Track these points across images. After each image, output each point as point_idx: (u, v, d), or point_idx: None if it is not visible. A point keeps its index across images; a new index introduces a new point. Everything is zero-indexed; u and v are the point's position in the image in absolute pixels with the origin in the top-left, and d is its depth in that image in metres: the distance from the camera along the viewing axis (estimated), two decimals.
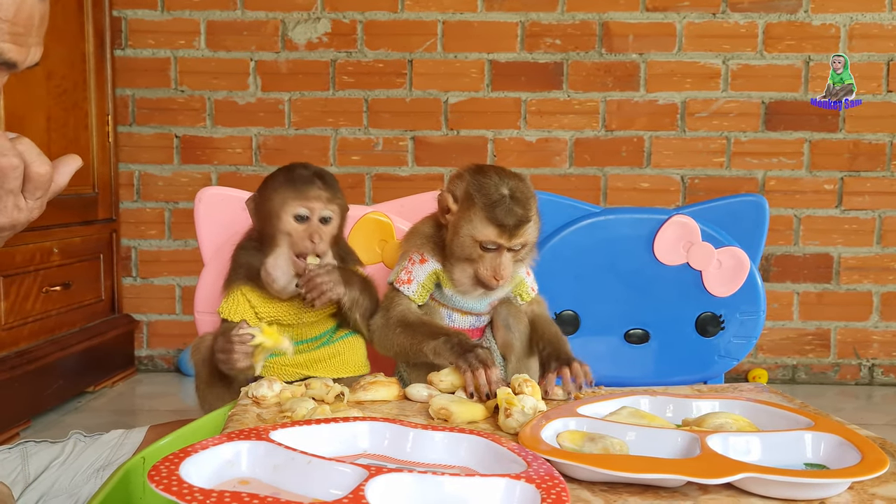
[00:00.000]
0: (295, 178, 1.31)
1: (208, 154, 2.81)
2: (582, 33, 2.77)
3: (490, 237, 1.22)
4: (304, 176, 1.31)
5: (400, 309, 1.31)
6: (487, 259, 1.24)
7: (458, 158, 2.80)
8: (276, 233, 1.29)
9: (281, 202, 1.29)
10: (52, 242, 2.34)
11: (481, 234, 1.23)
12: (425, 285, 1.31)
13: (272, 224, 1.29)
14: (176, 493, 0.61)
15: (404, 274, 1.32)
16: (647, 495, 0.75)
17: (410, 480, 0.68)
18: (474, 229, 1.23)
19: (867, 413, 2.53)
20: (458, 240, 1.25)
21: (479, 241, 1.23)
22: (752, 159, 2.80)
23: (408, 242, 1.37)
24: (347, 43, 2.78)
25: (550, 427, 0.86)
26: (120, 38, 2.77)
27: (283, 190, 1.30)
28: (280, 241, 1.29)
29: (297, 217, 1.28)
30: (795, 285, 2.83)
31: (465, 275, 1.27)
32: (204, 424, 1.10)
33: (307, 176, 1.31)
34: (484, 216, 1.22)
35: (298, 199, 1.28)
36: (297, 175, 1.31)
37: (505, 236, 1.23)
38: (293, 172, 1.32)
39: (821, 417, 0.90)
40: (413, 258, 1.33)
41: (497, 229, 1.22)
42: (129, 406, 2.48)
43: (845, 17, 2.75)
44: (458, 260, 1.27)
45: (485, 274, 1.24)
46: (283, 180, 1.31)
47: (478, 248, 1.24)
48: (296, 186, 1.29)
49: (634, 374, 1.76)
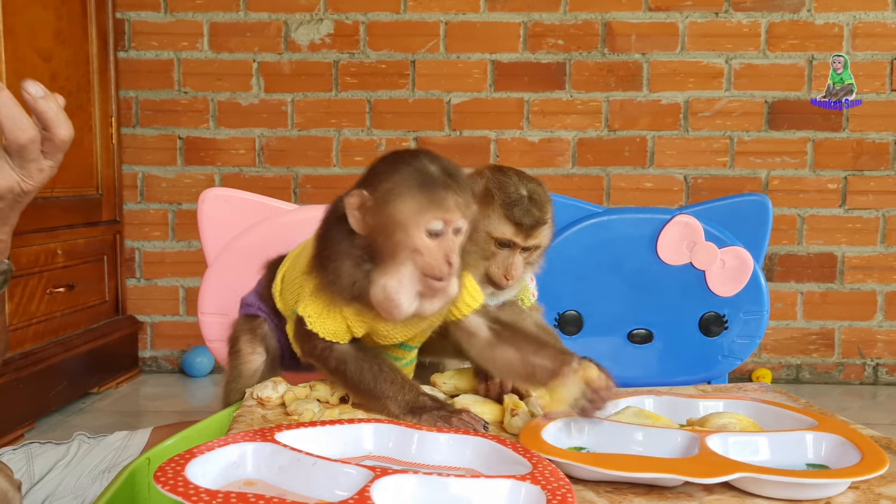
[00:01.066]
0: (428, 180, 1.00)
1: (211, 155, 2.82)
2: (584, 33, 2.77)
3: (506, 234, 1.24)
4: (438, 178, 1.00)
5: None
6: (500, 257, 1.26)
7: (461, 159, 2.78)
8: (398, 247, 0.99)
9: (412, 212, 0.98)
10: (56, 244, 2.35)
11: (498, 230, 1.24)
12: None
13: (394, 237, 0.99)
14: (182, 493, 0.61)
15: None
16: (651, 496, 0.75)
17: (415, 482, 0.68)
18: (491, 225, 1.25)
19: (872, 412, 2.52)
20: (473, 235, 1.27)
21: (495, 238, 1.25)
22: (755, 159, 2.80)
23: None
24: (350, 44, 2.78)
25: (551, 427, 0.86)
26: (123, 39, 2.77)
27: (415, 196, 0.99)
28: (405, 259, 0.99)
29: (430, 233, 0.99)
30: (799, 285, 2.83)
31: (476, 272, 1.28)
32: (209, 425, 1.11)
33: (442, 178, 1.00)
34: (502, 213, 1.24)
35: (434, 209, 0.98)
36: (431, 175, 1.00)
37: (521, 235, 1.24)
38: (423, 171, 1.01)
39: (825, 417, 0.90)
40: None
41: (514, 227, 1.24)
42: (134, 407, 2.48)
43: (848, 16, 2.74)
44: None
45: (496, 272, 1.25)
46: (412, 182, 1.00)
47: (493, 244, 1.25)
48: (432, 192, 0.99)
49: (638, 374, 1.76)
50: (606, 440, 0.85)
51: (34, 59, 2.25)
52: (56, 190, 2.37)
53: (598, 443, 0.85)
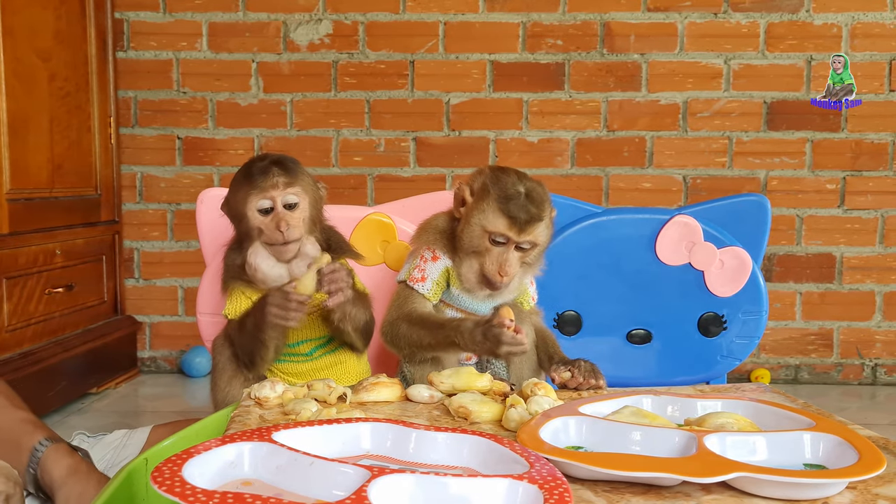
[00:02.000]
0: (251, 171, 1.30)
1: (210, 155, 2.82)
2: (583, 33, 2.77)
3: (500, 229, 1.24)
4: (259, 167, 1.29)
5: (414, 305, 1.30)
6: (494, 253, 1.25)
7: (460, 159, 2.80)
8: (248, 231, 1.30)
9: (244, 199, 1.28)
10: (54, 244, 2.34)
11: (492, 224, 1.24)
12: (439, 283, 1.32)
13: (243, 223, 1.30)
14: (179, 494, 0.61)
15: (417, 272, 1.32)
16: (649, 495, 0.75)
17: (413, 481, 0.68)
18: (486, 220, 1.24)
19: (871, 413, 2.52)
20: (468, 229, 1.26)
21: (489, 232, 1.24)
22: (754, 159, 2.80)
23: (419, 238, 1.36)
24: (349, 44, 2.79)
25: (550, 426, 0.86)
26: (122, 40, 2.77)
27: (243, 186, 1.29)
28: (254, 238, 1.29)
29: (260, 210, 1.28)
30: (798, 285, 2.83)
31: (472, 270, 1.28)
32: (207, 425, 1.11)
33: (263, 166, 1.29)
34: (497, 207, 1.24)
35: (257, 192, 1.27)
36: (254, 168, 1.30)
37: (514, 230, 1.24)
38: (250, 167, 1.31)
39: (823, 418, 0.90)
40: (425, 255, 1.33)
41: (508, 221, 1.23)
42: (133, 407, 2.48)
43: (847, 16, 2.75)
44: (466, 254, 1.28)
45: (490, 269, 1.25)
46: (241, 177, 1.31)
47: (486, 239, 1.25)
48: (252, 180, 1.28)
49: (636, 374, 1.76)
50: (604, 439, 0.85)
51: (33, 59, 2.25)
52: (55, 190, 2.37)
53: (596, 442, 0.85)
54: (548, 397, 1.01)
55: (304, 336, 1.38)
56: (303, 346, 1.38)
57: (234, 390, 1.34)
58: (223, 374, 1.36)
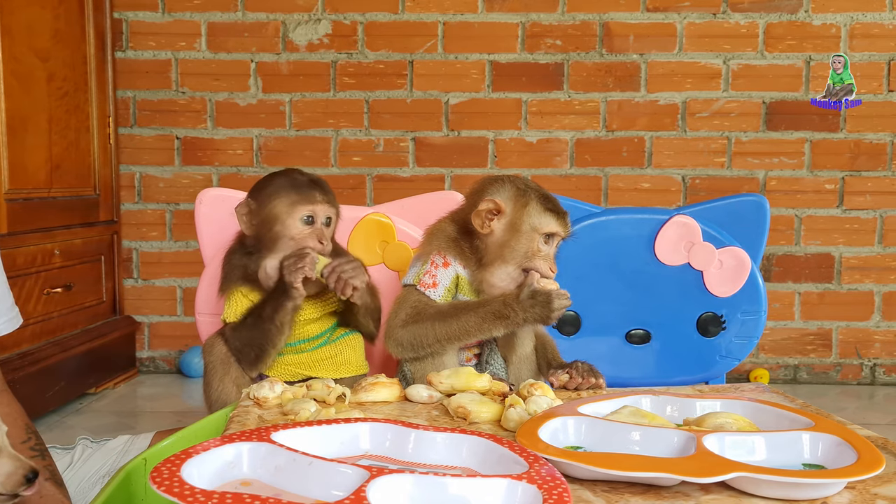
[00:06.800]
0: (297, 183, 1.36)
1: (209, 155, 2.82)
2: (582, 34, 2.77)
3: (552, 227, 1.29)
4: (305, 181, 1.37)
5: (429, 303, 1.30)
6: (545, 252, 1.29)
7: (459, 159, 2.80)
8: (278, 237, 1.34)
9: (287, 207, 1.33)
10: (53, 244, 2.34)
11: (546, 224, 1.28)
12: (450, 290, 1.31)
13: (274, 228, 1.34)
14: (178, 494, 0.61)
15: (428, 277, 1.31)
16: (648, 495, 0.75)
17: (412, 481, 0.68)
18: (538, 221, 1.28)
19: (869, 413, 2.52)
20: (517, 237, 1.28)
21: (544, 233, 1.28)
22: (752, 159, 2.80)
23: (430, 243, 1.35)
24: (348, 44, 2.78)
25: (549, 426, 0.86)
26: (121, 39, 2.77)
27: (288, 194, 1.34)
28: (283, 245, 1.33)
29: (304, 220, 1.34)
30: (797, 285, 2.83)
31: (508, 276, 1.28)
32: (205, 426, 1.11)
33: (308, 181, 1.37)
34: (543, 208, 1.29)
35: (305, 203, 1.34)
36: (299, 180, 1.37)
37: (562, 225, 1.30)
38: (293, 178, 1.38)
39: (821, 418, 0.90)
40: (436, 261, 1.32)
41: (557, 218, 1.29)
42: (131, 408, 2.48)
43: (846, 16, 2.75)
44: (502, 262, 1.28)
45: (543, 266, 1.27)
46: (285, 185, 1.36)
47: (541, 240, 1.28)
48: (301, 191, 1.35)
49: (636, 374, 1.76)
50: (603, 439, 0.85)
51: (31, 58, 2.25)
52: (53, 190, 2.37)
53: (595, 442, 0.85)
54: (546, 397, 1.01)
55: (303, 335, 1.39)
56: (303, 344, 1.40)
57: (227, 389, 1.35)
58: (215, 373, 1.38)
